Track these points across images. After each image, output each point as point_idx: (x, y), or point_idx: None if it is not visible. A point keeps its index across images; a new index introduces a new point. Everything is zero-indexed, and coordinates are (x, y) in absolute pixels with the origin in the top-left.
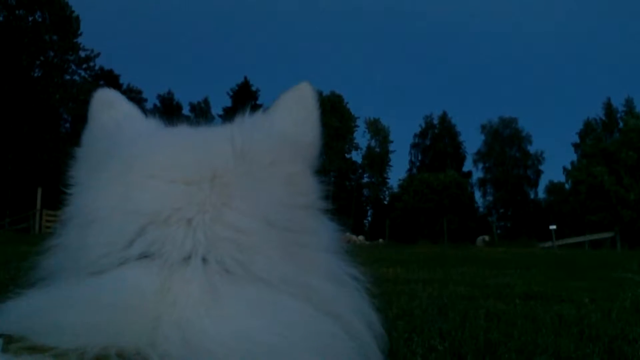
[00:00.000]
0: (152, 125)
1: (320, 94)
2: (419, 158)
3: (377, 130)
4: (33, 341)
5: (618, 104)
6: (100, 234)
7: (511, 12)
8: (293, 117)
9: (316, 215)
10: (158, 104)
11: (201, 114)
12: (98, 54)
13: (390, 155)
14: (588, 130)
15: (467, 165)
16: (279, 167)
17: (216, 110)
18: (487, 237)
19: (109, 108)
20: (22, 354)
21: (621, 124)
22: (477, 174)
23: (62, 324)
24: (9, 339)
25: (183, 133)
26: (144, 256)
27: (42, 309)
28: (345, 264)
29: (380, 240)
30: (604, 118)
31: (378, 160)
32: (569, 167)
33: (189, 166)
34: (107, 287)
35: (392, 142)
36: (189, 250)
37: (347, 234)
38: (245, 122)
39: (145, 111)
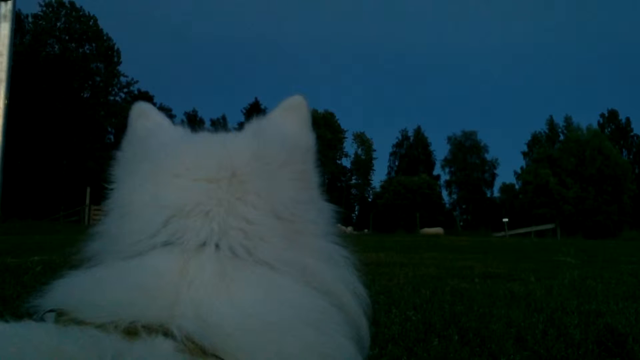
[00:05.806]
0: (179, 132)
1: (315, 111)
2: (397, 164)
3: (362, 141)
4: (76, 315)
5: (559, 120)
6: (133, 224)
7: (472, 48)
8: (294, 124)
9: (316, 207)
10: (185, 119)
11: (220, 127)
12: (136, 81)
13: (373, 162)
14: (534, 141)
15: (436, 170)
16: (290, 167)
17: (232, 124)
18: (439, 229)
19: (143, 118)
20: (70, 325)
21: (562, 137)
22: (444, 177)
23: (98, 301)
24: (59, 313)
25: (205, 139)
26: (168, 243)
27: (83, 288)
28: (339, 247)
29: (366, 230)
30: (547, 132)
31: (363, 165)
32: (519, 171)
33: (211, 167)
34: (135, 270)
35: (375, 150)
36: (204, 238)
37: (339, 224)
38: (257, 129)
39: (174, 124)
